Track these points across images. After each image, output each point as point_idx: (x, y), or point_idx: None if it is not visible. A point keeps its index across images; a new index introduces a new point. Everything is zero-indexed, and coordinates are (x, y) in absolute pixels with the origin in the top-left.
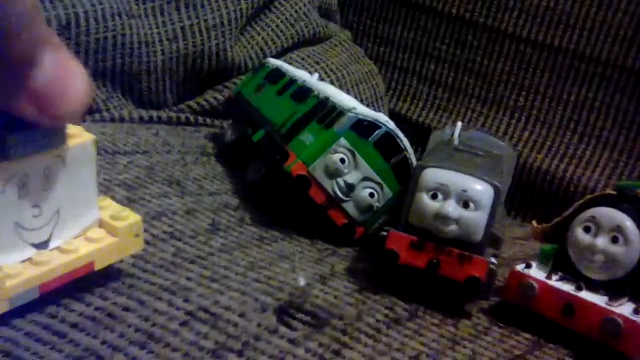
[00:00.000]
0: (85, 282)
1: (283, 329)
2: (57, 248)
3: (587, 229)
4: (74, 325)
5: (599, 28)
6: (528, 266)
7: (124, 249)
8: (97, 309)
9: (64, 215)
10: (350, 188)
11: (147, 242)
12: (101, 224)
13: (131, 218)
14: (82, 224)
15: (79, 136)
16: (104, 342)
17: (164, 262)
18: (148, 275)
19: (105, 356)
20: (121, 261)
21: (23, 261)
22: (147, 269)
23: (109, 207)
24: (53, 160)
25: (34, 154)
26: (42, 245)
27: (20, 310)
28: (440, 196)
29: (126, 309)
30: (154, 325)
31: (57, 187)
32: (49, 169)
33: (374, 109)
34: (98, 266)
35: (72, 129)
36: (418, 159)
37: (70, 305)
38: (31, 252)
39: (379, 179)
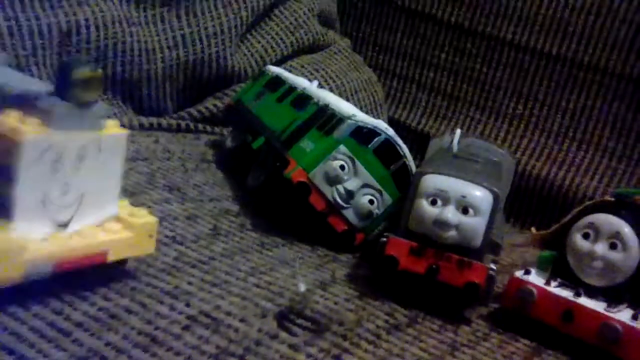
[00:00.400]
0: (89, 281)
1: (284, 335)
2: (76, 231)
3: (585, 236)
4: (79, 325)
5: (597, 36)
6: (527, 272)
7: (137, 246)
8: (100, 309)
9: (87, 201)
10: (350, 195)
11: None
12: (118, 219)
13: (148, 218)
14: (102, 214)
15: (115, 128)
16: (107, 344)
17: (166, 266)
18: (150, 279)
19: (109, 358)
20: (125, 262)
21: (42, 238)
22: (150, 273)
23: (126, 207)
24: (89, 142)
25: (74, 130)
26: (62, 226)
27: (27, 300)
28: (439, 202)
29: (129, 311)
30: (156, 328)
31: (87, 171)
32: (84, 149)
33: (373, 117)
34: (111, 257)
35: (109, 121)
36: (417, 166)
37: (74, 304)
38: (51, 229)
39: (378, 186)
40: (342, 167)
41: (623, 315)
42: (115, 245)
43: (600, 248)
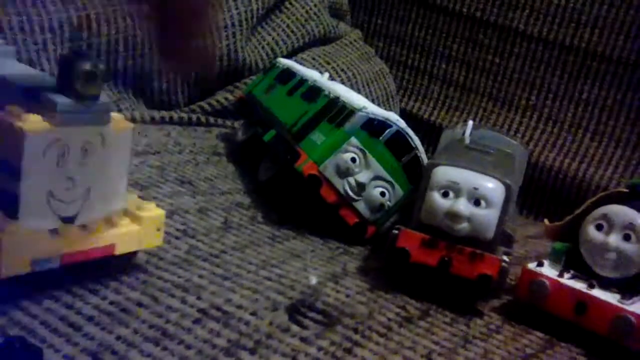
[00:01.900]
0: (100, 274)
1: (295, 328)
2: (83, 225)
3: (599, 227)
4: (90, 319)
5: (610, 26)
6: (540, 264)
7: (144, 239)
8: (111, 303)
9: (93, 195)
10: (361, 187)
11: None
12: (126, 213)
13: (155, 211)
14: (109, 208)
15: (120, 122)
16: (118, 338)
17: (177, 260)
18: (161, 272)
19: (120, 352)
20: (135, 254)
21: (50, 231)
22: (161, 266)
23: (135, 200)
24: (94, 136)
25: (79, 125)
26: (68, 220)
27: (38, 294)
28: (451, 194)
29: (140, 304)
30: (167, 322)
31: (93, 165)
32: (89, 144)
33: (385, 108)
34: (119, 250)
35: (115, 115)
36: (429, 158)
37: (85, 297)
38: (58, 224)
39: (390, 178)
40: (353, 160)
41: (637, 307)
42: (123, 238)
43: (614, 239)
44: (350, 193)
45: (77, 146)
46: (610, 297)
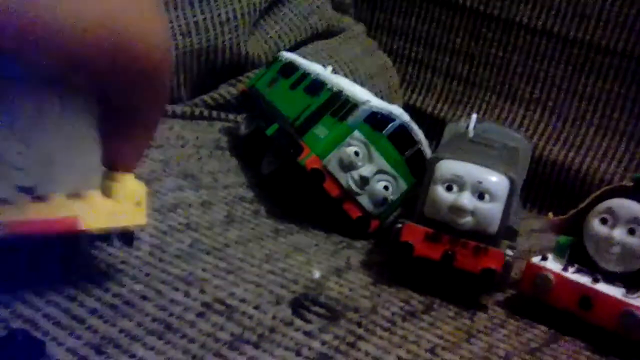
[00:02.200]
0: (103, 266)
1: (298, 322)
2: (39, 196)
3: (603, 221)
4: (93, 311)
5: (614, 19)
6: (544, 258)
7: (120, 215)
8: (115, 295)
9: (55, 166)
10: (364, 181)
11: (163, 233)
12: (104, 189)
13: (131, 183)
14: (77, 183)
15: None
16: (121, 331)
17: (180, 253)
18: (165, 265)
19: (123, 345)
20: (131, 239)
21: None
22: (164, 259)
23: (122, 179)
24: (50, 97)
25: (27, 81)
26: (25, 191)
27: (40, 286)
28: (455, 188)
29: (144, 297)
30: (170, 315)
31: (50, 130)
32: (42, 104)
33: (389, 102)
34: (86, 225)
35: None
36: (433, 152)
37: (88, 289)
38: (12, 193)
39: (393, 172)
40: (356, 153)
41: None
42: (88, 212)
43: (618, 233)
44: (354, 187)
45: (27, 100)
46: (614, 291)
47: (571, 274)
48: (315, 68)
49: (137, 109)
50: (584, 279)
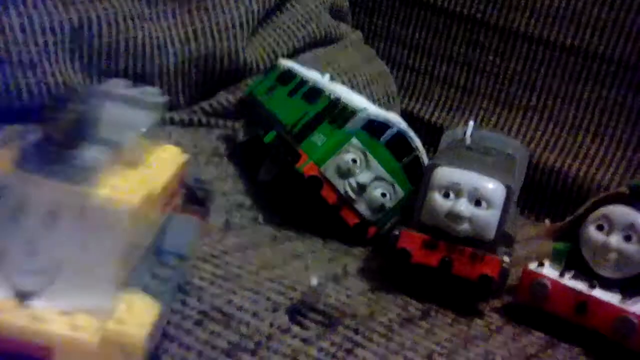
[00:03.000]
0: None
1: (296, 329)
2: (31, 307)
3: (600, 227)
4: None
5: (610, 27)
6: (541, 265)
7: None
8: None
9: (64, 276)
10: (362, 188)
11: None
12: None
13: (133, 329)
14: (81, 301)
15: (118, 193)
16: None
17: None
18: None
19: None
20: None
21: None
22: None
23: (136, 305)
24: (66, 198)
25: (45, 177)
26: (24, 295)
27: None
28: (452, 195)
29: None
30: (168, 323)
31: (64, 236)
32: (57, 204)
33: (386, 110)
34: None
35: (117, 184)
36: (430, 159)
37: None
38: (6, 295)
39: (390, 179)
40: (354, 161)
41: (638, 307)
42: (64, 346)
43: (615, 240)
44: (351, 194)
45: (41, 203)
46: (611, 298)
47: (568, 280)
48: (313, 75)
49: None
50: (581, 285)
